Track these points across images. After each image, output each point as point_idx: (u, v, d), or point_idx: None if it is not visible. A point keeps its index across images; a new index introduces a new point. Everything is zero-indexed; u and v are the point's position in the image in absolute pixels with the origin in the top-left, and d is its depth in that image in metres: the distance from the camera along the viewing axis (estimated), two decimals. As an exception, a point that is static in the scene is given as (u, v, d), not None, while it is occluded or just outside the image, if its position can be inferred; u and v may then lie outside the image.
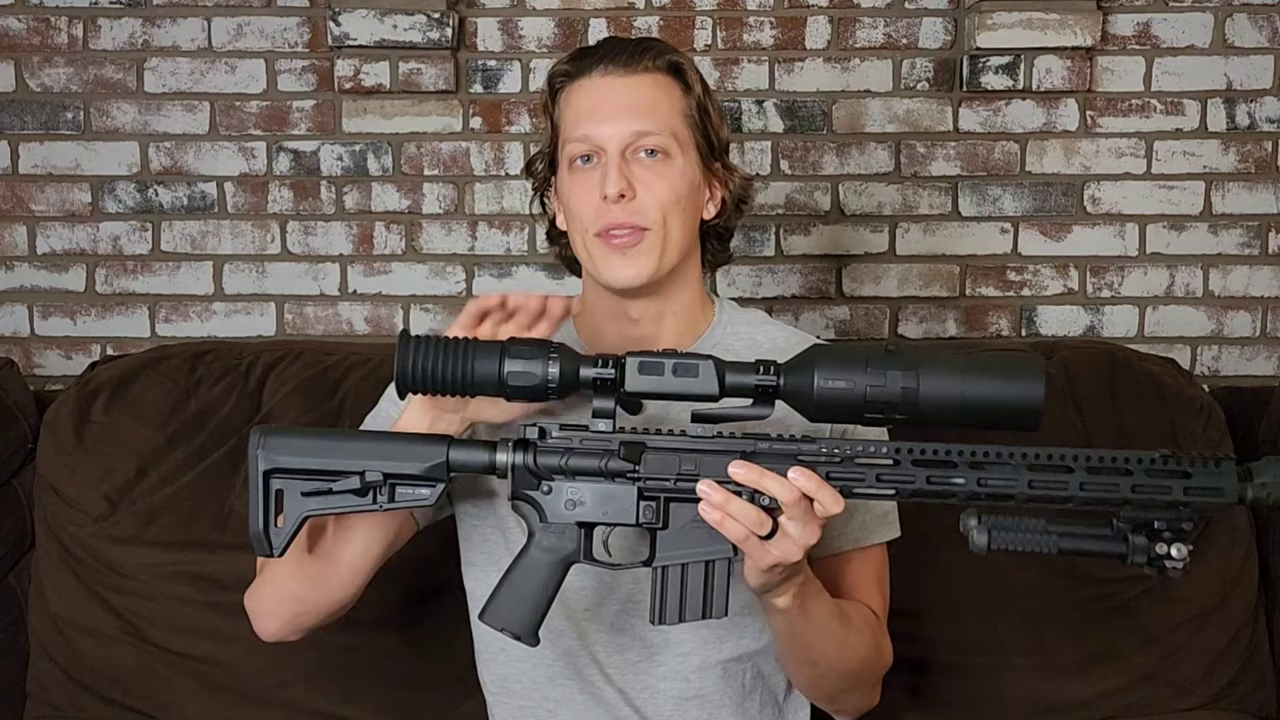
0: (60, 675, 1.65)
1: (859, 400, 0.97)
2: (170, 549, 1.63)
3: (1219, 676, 1.66)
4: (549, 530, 1.06)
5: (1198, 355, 2.07)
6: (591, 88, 1.21)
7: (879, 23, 2.02)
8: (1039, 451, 0.99)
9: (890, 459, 1.00)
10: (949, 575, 1.63)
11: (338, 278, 2.05)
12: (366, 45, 1.95)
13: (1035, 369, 0.98)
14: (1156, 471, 0.97)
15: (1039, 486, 0.98)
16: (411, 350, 1.02)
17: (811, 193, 2.04)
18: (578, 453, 1.04)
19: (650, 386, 1.01)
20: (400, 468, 1.05)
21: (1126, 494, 0.97)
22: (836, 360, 0.99)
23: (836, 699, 1.26)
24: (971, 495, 0.99)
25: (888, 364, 0.97)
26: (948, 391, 0.97)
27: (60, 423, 1.68)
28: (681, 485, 1.03)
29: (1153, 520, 0.97)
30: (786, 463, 1.00)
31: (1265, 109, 2.02)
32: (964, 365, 0.98)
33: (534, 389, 1.02)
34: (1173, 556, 0.97)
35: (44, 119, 2.02)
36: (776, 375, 1.01)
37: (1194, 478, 0.97)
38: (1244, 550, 1.69)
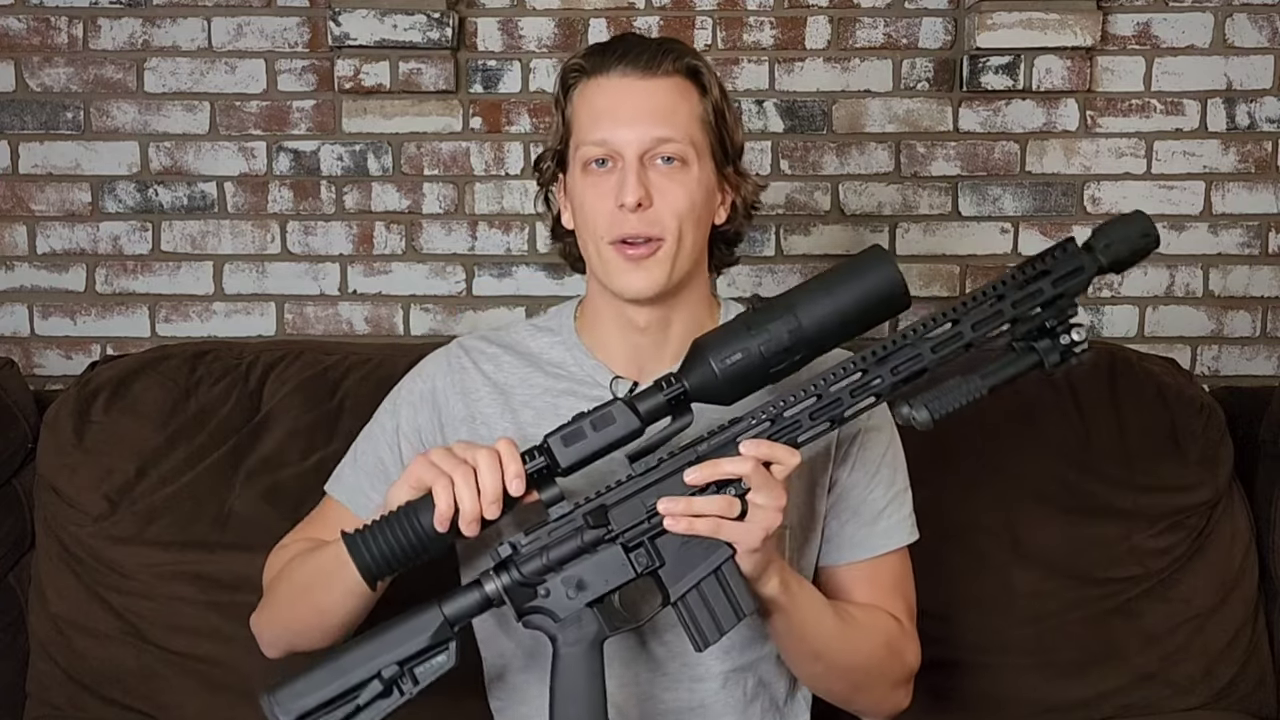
0: (60, 675, 1.65)
1: (759, 360, 1.03)
2: (170, 549, 1.63)
3: (1219, 676, 1.66)
4: (567, 625, 1.06)
5: (1198, 355, 2.07)
6: (609, 88, 1.19)
7: (879, 23, 2.02)
8: (922, 322, 1.04)
9: (813, 397, 1.04)
10: (949, 575, 1.63)
11: (338, 278, 2.05)
12: (366, 45, 1.94)
13: (882, 255, 1.05)
14: (1023, 283, 1.03)
15: (941, 348, 1.04)
16: (359, 545, 1.05)
17: (811, 193, 2.04)
18: (552, 545, 1.06)
19: (581, 453, 1.04)
20: (408, 650, 1.05)
21: (1011, 313, 1.04)
22: (722, 340, 1.04)
23: (851, 698, 1.25)
24: (893, 386, 1.04)
25: (765, 318, 1.03)
26: (825, 312, 1.04)
27: (60, 423, 1.68)
28: (656, 521, 1.05)
29: (1044, 323, 1.04)
30: (730, 449, 1.03)
31: (1265, 109, 2.02)
32: (826, 283, 1.05)
33: None
34: (1076, 340, 1.04)
35: (44, 119, 2.02)
36: (679, 382, 1.05)
37: (1053, 270, 1.04)
38: (1244, 550, 1.69)
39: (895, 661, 1.25)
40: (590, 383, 1.25)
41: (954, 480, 1.66)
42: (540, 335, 1.31)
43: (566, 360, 1.27)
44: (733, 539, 1.03)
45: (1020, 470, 1.67)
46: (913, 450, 1.34)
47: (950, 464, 1.66)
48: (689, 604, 1.05)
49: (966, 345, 1.04)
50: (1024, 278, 1.04)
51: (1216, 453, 1.69)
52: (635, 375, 1.25)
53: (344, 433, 1.67)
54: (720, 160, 1.23)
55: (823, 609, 1.16)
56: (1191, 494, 1.67)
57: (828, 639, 1.16)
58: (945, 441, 1.65)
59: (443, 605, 1.06)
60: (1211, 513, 1.68)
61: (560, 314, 1.32)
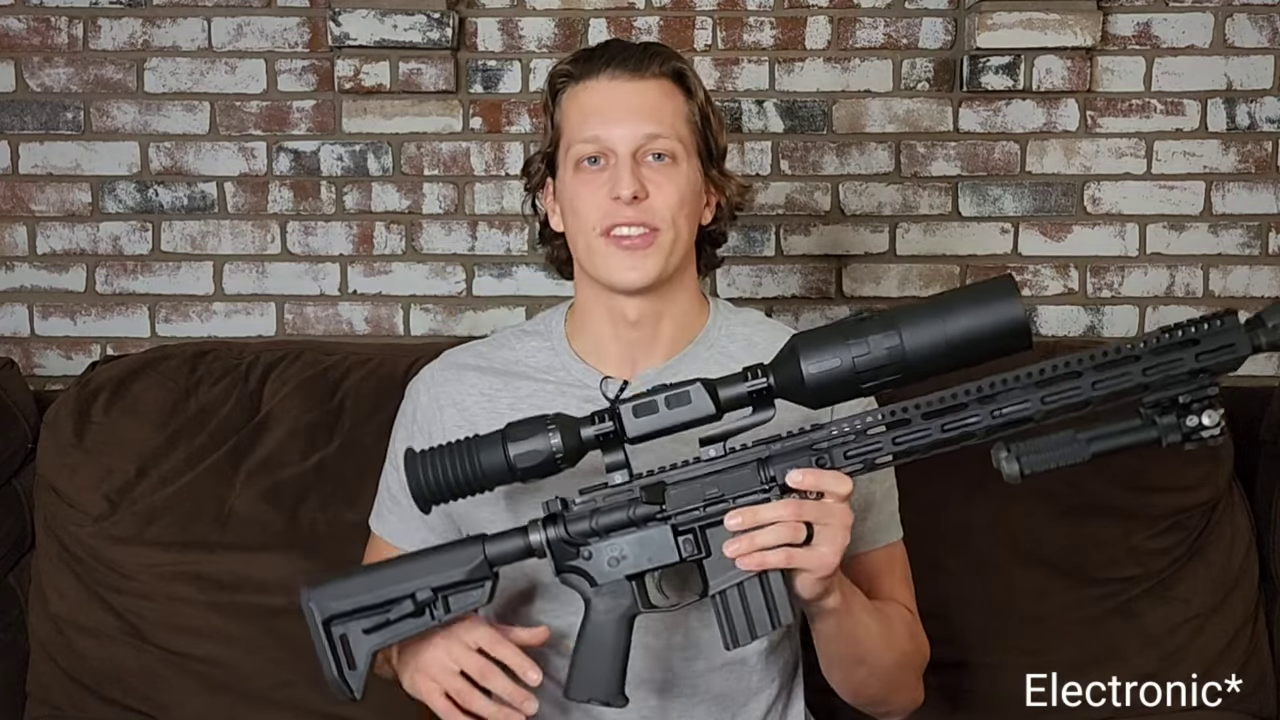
0: (60, 675, 1.65)
1: (850, 373, 0.98)
2: (170, 549, 1.63)
3: (1219, 676, 1.66)
4: (602, 592, 1.06)
5: (1198, 355, 2.06)
6: (599, 90, 1.21)
7: (879, 23, 2.02)
8: (1042, 366, 0.97)
9: (900, 419, 1.00)
10: (949, 575, 1.63)
11: (338, 278, 2.05)
12: (366, 45, 1.94)
13: (1006, 288, 0.97)
14: (1164, 348, 0.94)
15: (1052, 400, 0.96)
16: (419, 465, 1.05)
17: (811, 193, 2.04)
18: (603, 510, 1.05)
19: (650, 426, 1.02)
20: (446, 579, 1.07)
21: (1140, 379, 0.95)
22: (818, 343, 0.99)
23: (888, 698, 1.25)
24: (989, 430, 0.97)
25: (867, 330, 0.98)
26: (931, 337, 0.97)
27: (60, 423, 1.68)
28: (711, 511, 1.03)
29: (1176, 396, 0.95)
30: (803, 455, 1.01)
31: (1265, 109, 2.02)
32: (938, 307, 0.98)
33: (544, 465, 1.04)
34: (1205, 425, 0.95)
35: (44, 119, 2.02)
36: (767, 376, 1.02)
37: (1203, 342, 0.94)
38: (1244, 550, 1.69)
39: (920, 654, 1.26)
40: (579, 385, 1.26)
41: (954, 480, 1.66)
42: (527, 339, 1.31)
43: (554, 364, 1.28)
44: (805, 567, 1.01)
45: (1020, 470, 1.67)
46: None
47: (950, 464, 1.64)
48: (727, 600, 1.04)
49: (1083, 403, 0.96)
50: (1168, 342, 0.95)
51: (1216, 453, 1.69)
52: (628, 373, 1.26)
53: (344, 432, 1.68)
54: (706, 161, 1.25)
55: (869, 612, 1.16)
56: (1191, 494, 1.67)
57: (872, 640, 1.16)
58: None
59: (486, 545, 1.07)
60: (1211, 513, 1.69)
61: (549, 318, 1.33)
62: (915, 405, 0.99)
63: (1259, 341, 0.95)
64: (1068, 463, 0.96)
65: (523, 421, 1.05)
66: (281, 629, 1.62)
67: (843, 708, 1.29)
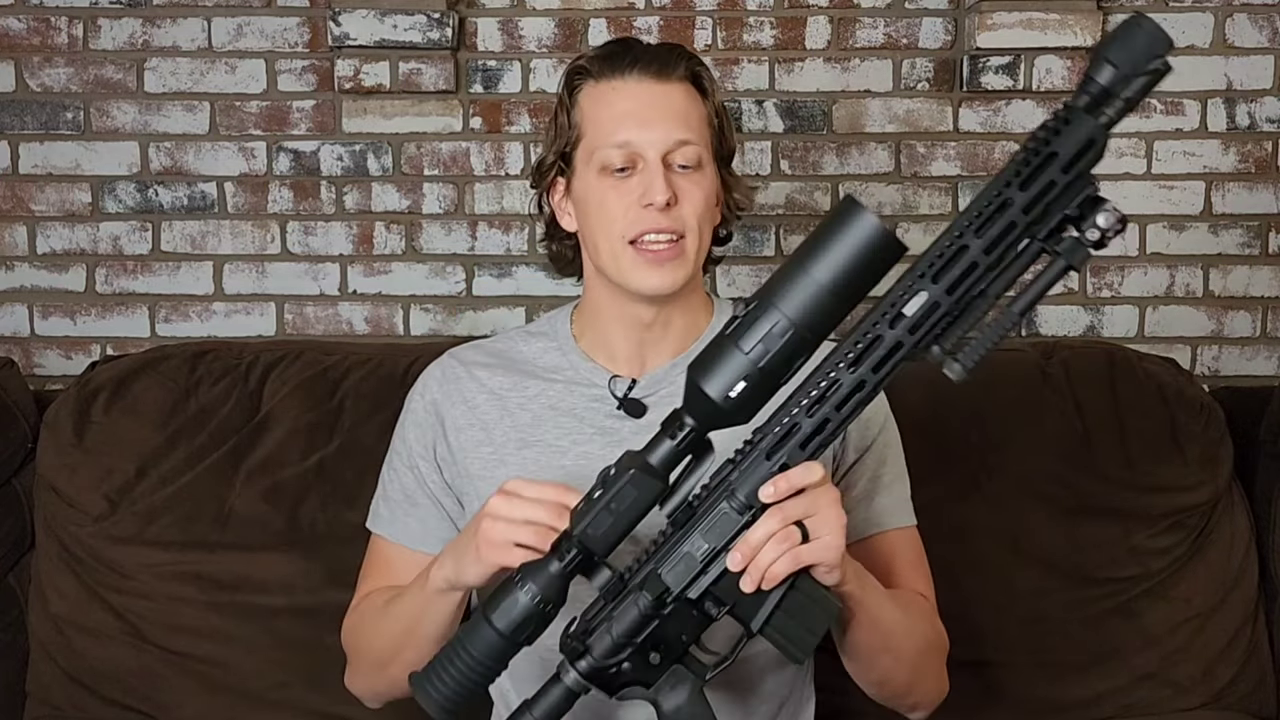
0: (60, 675, 1.65)
1: (759, 373, 0.93)
2: (170, 549, 1.63)
3: (1219, 676, 1.66)
4: (663, 688, 1.02)
5: (1198, 355, 2.06)
6: (627, 91, 1.20)
7: (879, 23, 2.02)
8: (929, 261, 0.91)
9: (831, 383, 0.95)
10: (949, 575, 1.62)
11: (338, 278, 2.05)
12: (366, 45, 1.94)
13: (852, 209, 0.91)
14: (1028, 178, 0.88)
15: (953, 282, 0.90)
16: (427, 686, 1.00)
17: (811, 193, 2.04)
18: (617, 620, 1.00)
19: (612, 536, 0.98)
20: None
21: (1022, 219, 0.88)
22: (711, 363, 0.94)
23: (913, 689, 1.23)
24: (915, 343, 0.92)
25: (747, 325, 0.93)
26: (811, 296, 0.91)
27: (60, 423, 1.68)
28: (713, 568, 0.99)
29: (1060, 216, 0.89)
30: (761, 467, 0.97)
31: (1265, 109, 2.02)
32: (801, 263, 0.92)
33: (538, 616, 0.98)
34: (1100, 225, 0.88)
35: (44, 119, 2.02)
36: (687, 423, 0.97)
37: (1060, 151, 0.87)
38: (1244, 550, 1.69)
39: (941, 641, 1.24)
40: (587, 384, 1.25)
41: (954, 480, 1.66)
42: (534, 340, 1.31)
43: (562, 364, 1.28)
44: (813, 560, 0.99)
45: (1020, 470, 1.67)
46: (913, 450, 1.34)
47: (950, 464, 1.66)
48: (773, 625, 1.00)
49: (982, 271, 0.89)
50: (1028, 170, 0.88)
51: (1216, 453, 1.69)
52: (637, 371, 1.25)
53: (344, 432, 1.68)
54: (720, 162, 1.25)
55: (885, 594, 1.14)
56: (1191, 494, 1.67)
57: (895, 626, 1.14)
58: (945, 441, 1.66)
59: (532, 710, 1.01)
60: (1211, 513, 1.69)
61: (555, 319, 1.33)
62: (835, 361, 0.94)
63: (1110, 115, 0.87)
64: (1001, 334, 0.90)
65: (494, 592, 1.00)
66: (281, 629, 1.62)
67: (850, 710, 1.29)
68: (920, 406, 1.66)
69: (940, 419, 1.66)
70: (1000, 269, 0.91)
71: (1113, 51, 0.87)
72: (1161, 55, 0.86)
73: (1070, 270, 0.90)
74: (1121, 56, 0.86)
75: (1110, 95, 0.87)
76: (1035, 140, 0.88)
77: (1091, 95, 0.88)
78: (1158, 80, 0.88)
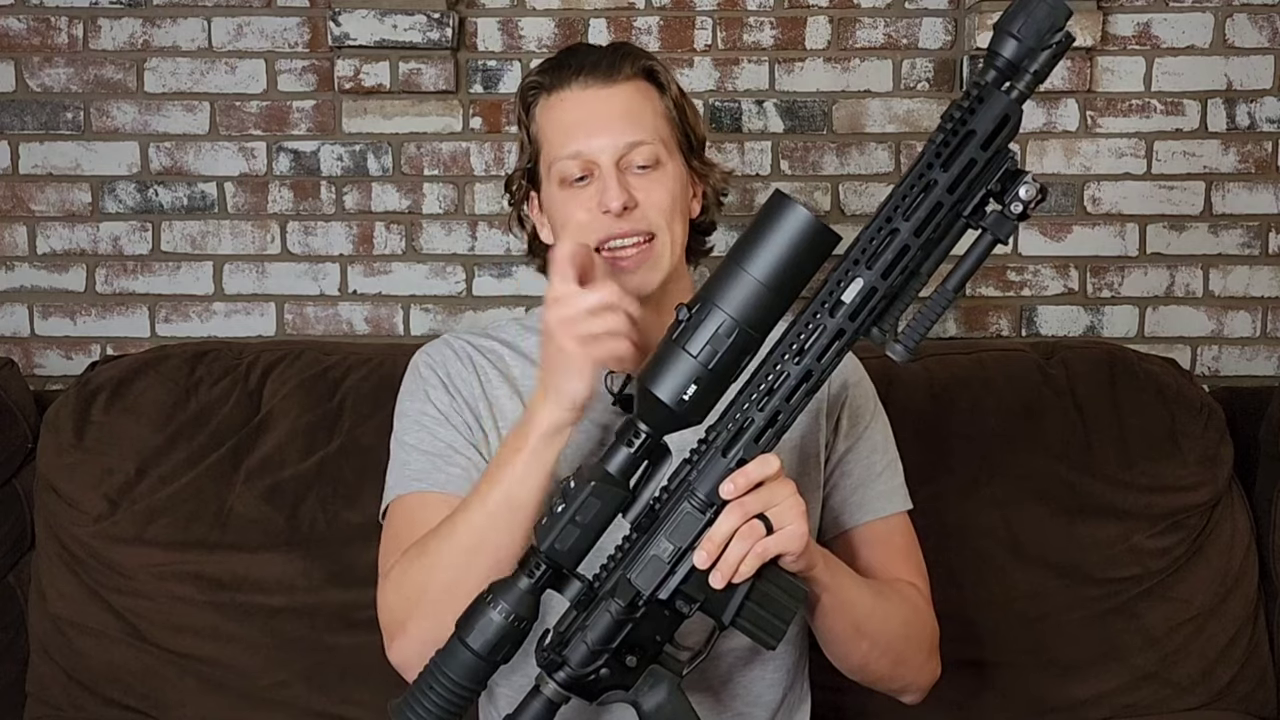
0: (60, 675, 1.65)
1: (708, 374, 0.94)
2: (170, 549, 1.63)
3: (1219, 676, 1.66)
4: (642, 690, 1.03)
5: (1198, 355, 2.06)
6: (574, 101, 1.20)
7: (879, 23, 2.02)
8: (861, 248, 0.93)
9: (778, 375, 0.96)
10: (949, 575, 1.63)
11: (338, 278, 2.05)
12: (366, 45, 1.94)
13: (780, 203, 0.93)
14: (949, 158, 0.90)
15: (886, 266, 0.92)
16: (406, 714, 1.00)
17: (811, 193, 2.04)
18: (589, 629, 1.01)
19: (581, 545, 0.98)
20: None
21: (948, 198, 0.91)
22: (664, 373, 0.95)
23: (895, 673, 1.24)
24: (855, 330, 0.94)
25: (693, 328, 0.94)
26: (753, 293, 0.93)
27: (60, 423, 1.68)
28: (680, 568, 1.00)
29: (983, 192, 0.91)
30: (718, 464, 0.98)
31: (1265, 109, 2.02)
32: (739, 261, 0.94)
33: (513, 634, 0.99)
34: (1022, 198, 0.90)
35: (44, 119, 2.02)
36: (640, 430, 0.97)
37: (977, 130, 0.89)
38: (1244, 550, 1.69)
39: (926, 627, 1.25)
40: None
41: (954, 480, 1.66)
42: (530, 335, 1.31)
43: None
44: (779, 550, 1.00)
45: (1020, 470, 1.67)
46: (913, 451, 1.35)
47: (950, 464, 1.66)
48: (744, 616, 1.02)
49: (914, 255, 0.92)
50: (948, 150, 0.90)
51: (1216, 453, 1.69)
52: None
53: (344, 433, 1.68)
54: (688, 154, 1.25)
55: (856, 580, 1.15)
56: (1191, 494, 1.67)
57: (868, 610, 1.15)
58: (945, 441, 1.66)
59: None
60: (1211, 513, 1.69)
61: None
62: (781, 354, 0.96)
63: (1020, 89, 0.89)
64: (938, 312, 0.93)
65: (465, 613, 1.00)
66: (281, 629, 1.62)
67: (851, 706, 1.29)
68: (921, 407, 1.66)
69: (940, 419, 1.66)
70: (930, 249, 0.93)
71: (1014, 25, 0.89)
72: (1061, 27, 0.88)
73: (997, 243, 0.92)
74: (1023, 29, 0.89)
75: (1017, 69, 0.90)
76: (952, 121, 0.90)
77: (998, 69, 0.90)
78: (1062, 52, 0.89)
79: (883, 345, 0.95)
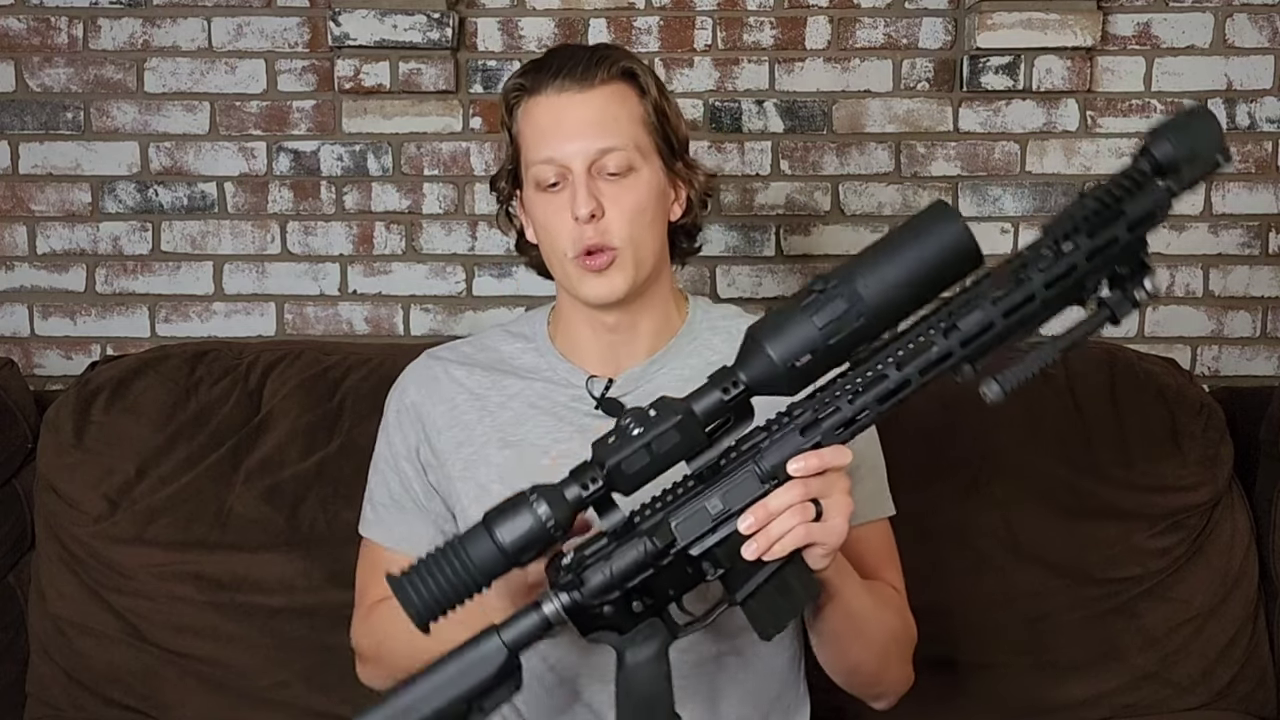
0: (60, 675, 1.65)
1: (823, 345, 0.94)
2: (170, 549, 1.63)
3: (1219, 676, 1.66)
4: (636, 638, 1.02)
5: (1198, 355, 2.06)
6: (549, 105, 1.20)
7: (879, 23, 2.02)
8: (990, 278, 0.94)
9: (877, 375, 0.96)
10: (949, 575, 1.63)
11: (338, 278, 2.05)
12: (366, 45, 1.94)
13: (943, 213, 0.93)
14: (1096, 228, 0.91)
15: (1011, 313, 0.92)
16: (407, 587, 0.96)
17: (811, 193, 2.04)
18: (616, 559, 0.99)
19: (640, 476, 0.96)
20: (474, 687, 1.00)
21: (1084, 265, 0.92)
22: (779, 326, 0.94)
23: (881, 679, 1.24)
24: (961, 359, 0.94)
25: (825, 302, 0.94)
26: (887, 282, 0.93)
27: (60, 423, 1.68)
28: (721, 530, 0.99)
29: (1115, 270, 0.93)
30: (792, 441, 0.98)
31: (1265, 109, 2.02)
32: (886, 251, 0.94)
33: (540, 539, 0.96)
34: (1146, 289, 0.92)
35: (44, 119, 2.02)
36: (739, 380, 0.96)
37: (1129, 211, 0.91)
38: (1244, 550, 1.69)
39: (908, 634, 1.26)
40: (565, 383, 1.27)
41: (954, 480, 1.66)
42: (513, 340, 1.32)
43: (540, 365, 1.29)
44: (820, 540, 0.99)
45: (1020, 470, 1.67)
46: (914, 451, 1.35)
47: (950, 464, 1.66)
48: (756, 600, 1.01)
49: (1037, 312, 0.92)
50: (1098, 220, 0.91)
51: (1216, 453, 1.69)
52: (611, 371, 1.26)
53: (344, 433, 1.68)
54: (668, 157, 1.24)
55: (862, 586, 1.15)
56: (1191, 494, 1.67)
57: (868, 615, 1.16)
58: (945, 441, 1.66)
59: (502, 632, 0.99)
60: (1211, 513, 1.69)
61: (533, 320, 1.34)
62: (879, 360, 0.96)
63: (1175, 189, 0.91)
64: (1039, 366, 0.93)
65: (501, 504, 0.96)
66: (281, 629, 1.62)
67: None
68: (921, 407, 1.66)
69: (941, 419, 1.66)
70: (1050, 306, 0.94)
71: (1173, 133, 0.91)
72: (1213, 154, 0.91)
73: (1112, 321, 0.94)
74: (1180, 140, 0.91)
75: (1164, 171, 0.92)
76: (1109, 195, 0.92)
77: (1152, 165, 0.92)
78: (1209, 173, 0.92)
79: (973, 381, 0.94)
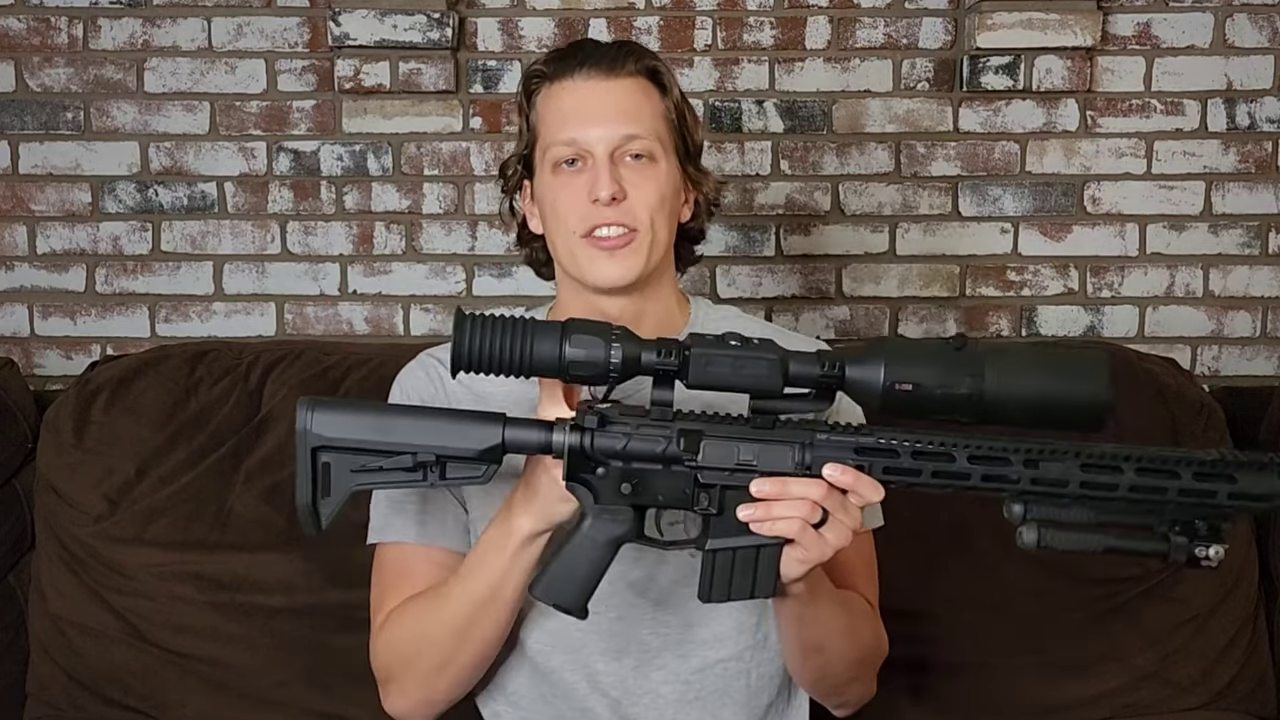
0: (60, 675, 1.64)
1: (928, 397, 0.96)
2: (170, 549, 1.63)
3: (1219, 676, 1.66)
4: (604, 512, 1.04)
5: (1198, 355, 2.07)
6: (574, 90, 1.21)
7: (879, 23, 2.02)
8: (1092, 450, 0.97)
9: (943, 452, 0.99)
10: (949, 575, 1.63)
11: (338, 278, 2.05)
12: (366, 45, 1.94)
13: (1099, 363, 0.97)
14: (1204, 475, 0.96)
15: (1089, 486, 0.96)
16: (469, 328, 0.98)
17: (811, 193, 2.04)
18: (636, 438, 1.02)
19: (710, 380, 0.99)
20: (455, 449, 1.02)
21: (1173, 497, 0.96)
22: (906, 355, 0.97)
23: (841, 689, 1.25)
24: (1022, 492, 0.98)
25: (956, 359, 0.96)
26: (1016, 393, 0.96)
27: (60, 423, 1.68)
28: (739, 476, 1.01)
29: (1194, 520, 0.97)
30: (845, 454, 1.00)
31: (1265, 109, 2.02)
32: (1032, 358, 0.97)
33: (594, 374, 0.99)
34: (1209, 558, 0.97)
35: (44, 119, 2.02)
36: (840, 370, 0.99)
37: (1240, 483, 0.96)
38: (1244, 550, 1.69)
39: (878, 648, 1.26)
40: None
41: (954, 480, 1.66)
42: None
43: None
44: (807, 548, 1.01)
45: (1020, 470, 1.67)
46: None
47: (950, 464, 1.66)
48: (717, 558, 1.03)
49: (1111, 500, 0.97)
50: (1208, 470, 0.96)
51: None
52: None
53: (344, 433, 1.67)
54: (684, 158, 1.25)
55: (834, 602, 1.16)
56: (1191, 494, 1.67)
57: (835, 631, 1.16)
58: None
59: (506, 427, 1.02)
60: (1211, 513, 1.68)
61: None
62: (965, 444, 0.98)
63: None
64: (1079, 549, 0.96)
65: (586, 322, 0.99)
66: (281, 629, 1.62)
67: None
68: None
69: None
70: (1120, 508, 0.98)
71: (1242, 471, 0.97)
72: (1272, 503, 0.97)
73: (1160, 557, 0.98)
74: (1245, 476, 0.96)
75: None
76: (1232, 457, 0.97)
77: None
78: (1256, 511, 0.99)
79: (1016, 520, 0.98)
